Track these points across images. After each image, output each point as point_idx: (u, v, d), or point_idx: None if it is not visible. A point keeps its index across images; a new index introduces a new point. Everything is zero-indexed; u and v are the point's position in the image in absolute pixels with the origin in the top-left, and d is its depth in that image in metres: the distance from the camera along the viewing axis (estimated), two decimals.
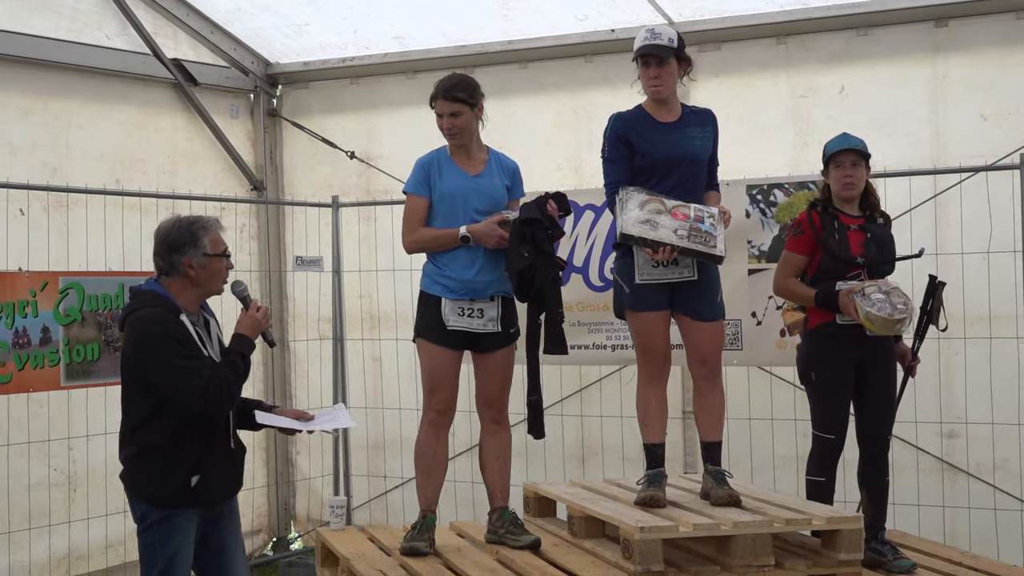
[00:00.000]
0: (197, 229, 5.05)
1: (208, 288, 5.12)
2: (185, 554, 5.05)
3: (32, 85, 7.92)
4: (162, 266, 5.06)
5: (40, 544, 7.78)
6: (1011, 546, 7.04)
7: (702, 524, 5.53)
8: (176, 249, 5.02)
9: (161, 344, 4.91)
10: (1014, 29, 7.36)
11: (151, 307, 4.98)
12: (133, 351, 4.99)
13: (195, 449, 4.99)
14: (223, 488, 5.18)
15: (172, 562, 5.00)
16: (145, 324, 4.93)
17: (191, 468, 4.98)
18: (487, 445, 6.02)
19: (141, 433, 4.99)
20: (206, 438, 5.03)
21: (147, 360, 4.94)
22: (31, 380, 7.30)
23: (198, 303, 5.13)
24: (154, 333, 4.92)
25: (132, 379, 5.03)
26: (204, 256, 5.04)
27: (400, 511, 8.74)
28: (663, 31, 5.89)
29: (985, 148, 7.28)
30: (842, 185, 6.14)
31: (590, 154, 8.31)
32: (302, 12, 8.63)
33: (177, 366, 4.90)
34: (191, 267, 5.01)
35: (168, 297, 5.01)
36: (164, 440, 4.95)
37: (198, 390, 4.88)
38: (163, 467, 4.96)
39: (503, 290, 5.85)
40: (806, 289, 6.16)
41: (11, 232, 7.44)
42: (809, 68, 7.85)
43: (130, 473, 5.05)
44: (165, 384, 4.92)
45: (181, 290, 5.04)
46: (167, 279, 5.06)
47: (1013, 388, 7.10)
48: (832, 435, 6.16)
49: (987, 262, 7.08)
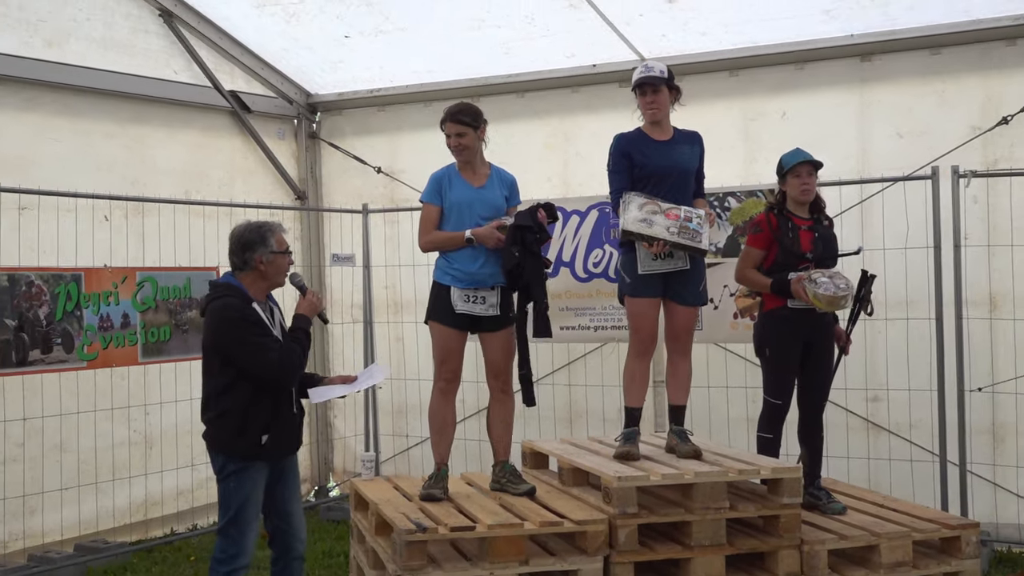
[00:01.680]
0: (265, 231, 5.18)
1: (274, 280, 5.23)
2: (255, 500, 5.14)
3: (114, 113, 7.90)
4: (237, 262, 5.17)
5: (122, 493, 7.80)
6: (924, 491, 7.01)
7: (669, 474, 5.55)
8: (249, 248, 5.14)
9: (238, 326, 5.00)
10: (926, 64, 7.33)
11: (227, 296, 5.08)
12: (213, 333, 5.07)
13: (265, 412, 5.08)
14: (287, 445, 5.27)
15: (244, 507, 5.08)
16: (223, 311, 5.02)
17: (262, 428, 5.07)
18: (494, 411, 6.00)
19: (220, 400, 5.06)
20: (274, 403, 5.12)
21: (227, 340, 5.02)
22: (114, 357, 7.29)
23: (265, 294, 5.22)
24: (232, 318, 5.01)
25: (213, 356, 5.09)
26: (272, 253, 5.15)
27: (420, 464, 8.75)
28: (655, 65, 5.94)
29: (902, 162, 7.25)
30: (800, 191, 6.22)
31: (576, 169, 8.34)
32: (337, 52, 8.60)
33: (253, 343, 5.00)
34: (261, 263, 5.13)
35: (241, 288, 5.11)
36: (239, 405, 5.04)
37: (273, 362, 4.99)
38: (238, 427, 5.04)
39: (501, 281, 5.83)
40: (763, 278, 6.20)
41: (97, 235, 7.45)
42: (756, 96, 7.82)
43: (211, 433, 5.14)
44: (244, 359, 5.00)
45: (252, 283, 5.14)
46: (240, 273, 5.16)
47: (925, 361, 7.06)
48: (780, 400, 6.21)
49: (904, 256, 7.06)
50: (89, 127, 7.73)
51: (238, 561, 5.07)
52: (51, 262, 7.10)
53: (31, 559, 7.10)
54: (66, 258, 7.17)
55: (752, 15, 7.38)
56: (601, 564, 5.34)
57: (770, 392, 6.21)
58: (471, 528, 5.29)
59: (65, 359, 6.99)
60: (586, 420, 8.28)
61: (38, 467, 7.23)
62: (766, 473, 5.64)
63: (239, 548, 5.07)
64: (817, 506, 6.12)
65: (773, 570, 5.55)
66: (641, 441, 6.08)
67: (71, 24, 7.54)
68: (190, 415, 7.96)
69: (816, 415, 6.32)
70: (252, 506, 5.11)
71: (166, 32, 8.16)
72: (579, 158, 8.29)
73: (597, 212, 7.84)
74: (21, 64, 7.24)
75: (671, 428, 6.07)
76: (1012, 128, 7.03)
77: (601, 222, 7.83)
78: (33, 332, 6.81)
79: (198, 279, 7.75)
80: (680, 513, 5.49)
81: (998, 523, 7.05)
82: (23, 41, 7.27)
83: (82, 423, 7.42)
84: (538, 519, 5.39)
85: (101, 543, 7.50)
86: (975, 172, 6.88)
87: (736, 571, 5.56)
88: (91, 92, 7.70)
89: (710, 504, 5.48)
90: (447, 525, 5.29)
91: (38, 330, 6.83)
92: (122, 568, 7.20)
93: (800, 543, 5.56)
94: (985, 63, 7.16)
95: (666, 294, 5.92)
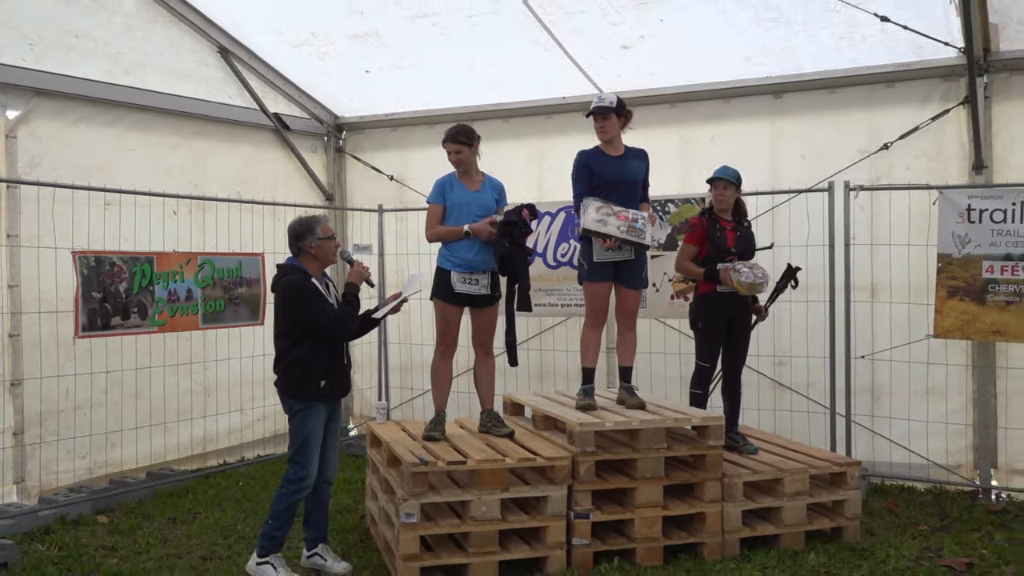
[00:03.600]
0: (313, 223, 5.20)
1: (325, 260, 5.23)
2: (317, 434, 5.18)
3: (180, 129, 7.80)
4: (294, 250, 5.20)
5: (184, 431, 7.75)
6: (817, 437, 7.06)
7: (620, 421, 5.55)
8: (301, 237, 5.17)
9: (303, 296, 5.03)
10: (824, 100, 7.33)
11: (293, 274, 5.11)
12: (283, 303, 5.09)
13: (324, 362, 5.11)
14: (342, 389, 5.29)
15: (308, 439, 5.14)
16: (290, 285, 5.06)
17: (322, 375, 5.10)
18: (479, 369, 5.96)
19: (289, 354, 5.10)
20: (331, 354, 5.15)
21: (294, 307, 5.04)
22: (179, 324, 7.22)
23: (320, 271, 5.23)
24: (297, 290, 5.04)
25: (283, 320, 5.12)
26: (319, 240, 5.16)
27: (422, 411, 8.71)
28: (607, 96, 5.91)
29: (805, 177, 7.26)
30: (717, 200, 6.24)
31: (548, 179, 8.32)
32: (360, 84, 8.51)
33: (316, 307, 5.02)
34: (312, 248, 5.15)
35: (302, 268, 5.15)
36: (304, 358, 5.07)
37: (332, 321, 5.04)
38: (303, 375, 5.08)
39: (493, 266, 5.79)
40: (697, 268, 6.22)
41: (166, 226, 7.36)
42: (691, 124, 7.79)
43: (283, 380, 5.17)
44: (308, 320, 5.02)
45: (309, 264, 5.17)
46: (298, 257, 5.19)
47: (820, 334, 7.09)
48: (708, 363, 6.23)
49: (806, 252, 7.06)
50: (159, 140, 7.64)
51: (305, 482, 5.14)
52: (129, 247, 7.04)
53: (112, 483, 7.07)
54: (141, 244, 7.11)
55: (689, 60, 7.36)
56: (565, 491, 5.34)
57: (701, 357, 6.21)
58: (463, 462, 5.28)
59: (140, 325, 6.91)
60: (554, 377, 8.27)
61: (118, 411, 7.19)
62: (696, 421, 5.65)
63: (306, 471, 5.12)
64: (735, 447, 6.14)
65: (700, 497, 5.57)
66: (597, 395, 6.08)
67: (145, 57, 7.44)
68: (240, 370, 7.99)
69: (736, 375, 6.34)
70: (315, 438, 5.15)
71: (223, 65, 8.06)
72: (551, 170, 8.26)
73: (564, 214, 7.82)
74: (106, 89, 7.15)
75: (621, 385, 6.06)
76: (891, 153, 7.06)
77: (567, 222, 7.81)
78: (115, 303, 6.73)
79: (248, 262, 7.67)
80: (628, 452, 5.49)
81: (875, 462, 7.11)
82: (106, 70, 7.18)
83: (153, 376, 7.36)
84: (516, 456, 5.38)
85: (168, 471, 7.47)
86: (862, 186, 6.90)
87: (671, 498, 5.58)
88: (161, 112, 7.61)
89: (652, 445, 5.49)
90: (444, 460, 5.27)
91: (118, 301, 6.76)
92: (184, 491, 7.15)
93: (722, 476, 5.59)
94: (870, 101, 7.17)
95: (616, 279, 5.90)
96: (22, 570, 5.41)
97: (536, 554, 5.28)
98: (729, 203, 6.23)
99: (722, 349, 6.25)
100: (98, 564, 5.51)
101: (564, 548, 5.30)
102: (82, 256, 6.55)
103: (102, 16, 7.11)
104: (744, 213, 6.38)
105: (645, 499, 5.43)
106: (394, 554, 5.22)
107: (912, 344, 6.89)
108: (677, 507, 5.51)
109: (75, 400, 6.89)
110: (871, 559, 5.44)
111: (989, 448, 6.79)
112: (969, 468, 6.94)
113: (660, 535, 5.44)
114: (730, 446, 6.10)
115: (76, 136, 7.02)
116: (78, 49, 6.97)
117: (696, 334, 6.30)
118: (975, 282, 6.39)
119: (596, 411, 5.77)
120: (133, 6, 7.32)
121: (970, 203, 6.40)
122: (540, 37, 7.34)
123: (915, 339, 6.85)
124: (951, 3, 6.24)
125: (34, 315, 6.64)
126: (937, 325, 6.52)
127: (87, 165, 7.00)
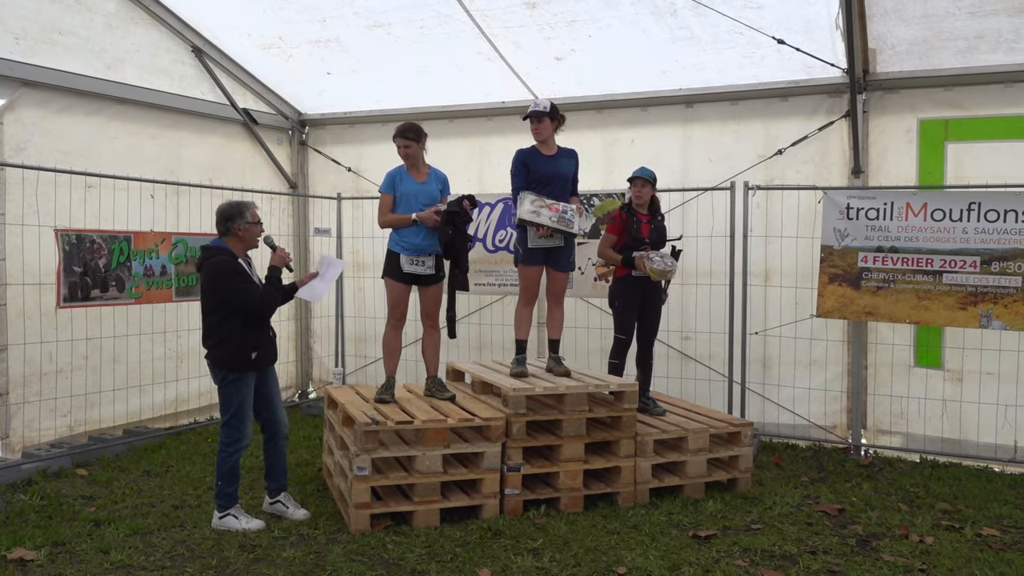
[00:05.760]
0: (243, 208, 4.97)
1: (249, 243, 5.01)
2: (249, 399, 5.00)
3: (157, 121, 7.52)
4: (221, 230, 4.96)
5: (159, 393, 7.53)
6: (717, 401, 7.16)
7: (548, 387, 5.53)
8: (231, 219, 4.93)
9: (229, 276, 4.81)
10: (728, 111, 7.36)
11: (220, 255, 4.87)
12: (210, 282, 4.85)
13: (252, 335, 4.92)
14: (270, 358, 5.10)
15: (241, 405, 4.95)
16: (218, 265, 4.83)
17: (251, 347, 4.91)
18: (426, 341, 5.90)
19: (220, 329, 4.89)
20: (259, 328, 4.96)
21: (222, 286, 4.81)
22: (154, 296, 7.00)
23: (244, 252, 5.01)
24: (224, 270, 4.81)
25: (210, 299, 4.90)
26: (247, 223, 4.94)
27: (374, 377, 8.64)
28: (541, 101, 5.84)
29: (711, 177, 7.30)
30: (634, 197, 6.21)
31: (488, 173, 8.24)
32: (322, 84, 8.30)
33: (241, 287, 4.81)
34: (239, 230, 4.92)
35: (228, 249, 4.91)
36: (236, 332, 4.88)
37: (255, 300, 4.84)
38: (237, 348, 4.88)
39: (437, 250, 5.71)
40: (616, 255, 6.22)
41: (144, 208, 7.12)
42: (613, 128, 7.78)
43: (215, 354, 4.95)
44: (235, 299, 4.81)
45: (235, 245, 4.94)
46: (224, 238, 4.95)
47: (721, 313, 7.17)
48: (625, 336, 6.23)
49: (711, 242, 7.14)
50: (138, 129, 7.35)
51: (240, 444, 4.97)
52: (108, 226, 6.78)
53: (91, 439, 6.85)
54: (120, 224, 6.87)
55: (613, 72, 7.34)
56: (500, 448, 5.32)
57: (619, 330, 6.23)
58: (410, 422, 5.22)
59: (118, 297, 6.69)
60: (491, 348, 8.23)
61: (97, 374, 6.95)
62: (614, 387, 5.67)
63: (241, 433, 4.95)
64: (647, 410, 6.18)
65: (616, 453, 5.60)
66: (528, 364, 6.07)
67: (125, 54, 7.15)
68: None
69: (648, 347, 6.37)
70: (247, 404, 4.98)
71: (197, 63, 7.79)
72: (491, 166, 8.19)
73: (502, 204, 7.76)
74: (88, 81, 6.86)
75: (550, 355, 6.05)
76: (784, 157, 7.13)
77: (505, 211, 7.75)
78: (94, 277, 6.50)
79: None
80: (555, 414, 5.49)
81: (764, 423, 7.24)
82: (89, 64, 6.88)
83: (130, 342, 7.14)
84: (457, 417, 5.34)
85: (143, 428, 7.26)
86: (759, 186, 6.97)
87: (592, 454, 5.59)
88: (140, 104, 7.32)
89: (575, 408, 5.49)
90: (393, 420, 5.20)
91: (98, 275, 6.52)
92: (157, 446, 6.95)
93: (635, 435, 5.62)
94: (767, 112, 7.23)
95: (547, 263, 5.88)
96: (6, 518, 5.21)
97: (473, 502, 5.25)
98: (646, 199, 6.24)
99: (636, 324, 6.27)
100: (77, 512, 5.33)
101: (498, 497, 5.29)
102: (64, 233, 6.31)
103: (84, 15, 6.82)
104: (658, 208, 6.40)
105: (569, 455, 5.44)
106: (347, 503, 5.15)
107: (798, 322, 7.02)
108: (596, 461, 5.53)
109: (57, 364, 6.64)
110: (760, 505, 5.54)
111: (860, 411, 6.96)
112: (843, 428, 7.11)
113: (581, 486, 5.46)
114: (642, 409, 6.14)
115: (60, 124, 6.73)
116: (62, 44, 6.67)
117: (614, 312, 6.31)
118: (852, 270, 6.52)
119: (527, 378, 5.75)
120: (114, 7, 7.03)
121: (849, 203, 6.52)
122: (483, 48, 7.25)
123: (801, 318, 6.99)
124: (837, 30, 6.33)
125: (18, 287, 6.36)
126: (819, 306, 6.65)
127: (70, 151, 6.72)
